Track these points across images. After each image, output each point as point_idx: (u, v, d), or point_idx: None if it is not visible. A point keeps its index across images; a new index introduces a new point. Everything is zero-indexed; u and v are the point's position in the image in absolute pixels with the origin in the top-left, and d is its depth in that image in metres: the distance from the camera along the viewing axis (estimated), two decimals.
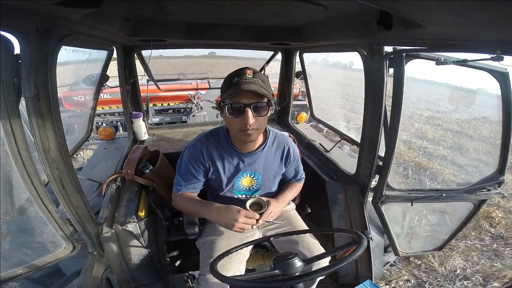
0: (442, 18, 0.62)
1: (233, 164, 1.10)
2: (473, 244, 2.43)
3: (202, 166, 1.08)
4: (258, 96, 0.90)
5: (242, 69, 0.93)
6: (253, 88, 0.88)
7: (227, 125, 1.04)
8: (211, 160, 1.08)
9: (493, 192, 1.35)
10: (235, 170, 1.10)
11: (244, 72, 0.91)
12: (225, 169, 1.09)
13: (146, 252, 1.18)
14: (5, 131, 0.67)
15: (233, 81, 0.90)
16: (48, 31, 0.70)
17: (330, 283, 1.46)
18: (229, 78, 0.93)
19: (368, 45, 1.13)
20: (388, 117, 1.19)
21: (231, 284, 0.76)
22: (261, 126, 0.97)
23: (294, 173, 1.25)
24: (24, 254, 0.83)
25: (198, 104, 4.21)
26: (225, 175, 1.10)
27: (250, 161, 1.10)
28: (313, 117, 2.31)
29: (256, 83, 0.90)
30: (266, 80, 0.94)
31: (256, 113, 0.92)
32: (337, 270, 1.39)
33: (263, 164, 1.13)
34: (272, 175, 1.17)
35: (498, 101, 1.20)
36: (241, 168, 1.10)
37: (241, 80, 0.89)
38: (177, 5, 0.98)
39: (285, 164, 1.18)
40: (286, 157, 1.17)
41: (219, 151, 1.08)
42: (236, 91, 0.88)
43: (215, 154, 1.07)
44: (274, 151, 1.15)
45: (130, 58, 1.78)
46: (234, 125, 0.95)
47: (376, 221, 1.43)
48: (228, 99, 0.91)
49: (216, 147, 1.07)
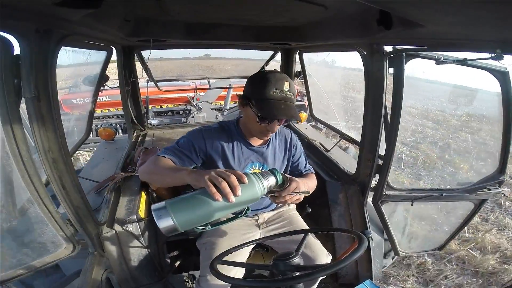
0: (442, 17, 0.62)
1: (243, 155, 1.11)
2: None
3: (202, 152, 1.05)
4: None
5: (281, 78, 0.95)
6: (291, 114, 0.94)
7: (247, 121, 1.06)
8: (217, 150, 1.07)
9: (494, 192, 1.34)
10: (245, 161, 1.12)
11: (282, 83, 0.94)
12: (235, 159, 1.10)
13: (147, 252, 1.18)
14: (5, 131, 0.67)
15: (271, 93, 0.93)
16: (48, 31, 0.70)
17: (330, 283, 1.46)
18: (264, 85, 0.94)
19: (368, 44, 1.13)
20: (389, 116, 1.19)
21: (231, 284, 0.76)
22: (277, 129, 1.05)
23: (304, 163, 1.26)
24: (24, 254, 0.83)
25: (197, 106, 4.22)
26: (235, 164, 1.10)
27: (260, 153, 1.13)
28: (312, 117, 2.31)
29: (291, 99, 0.96)
30: (295, 89, 0.99)
31: (279, 122, 1.01)
32: (338, 270, 1.39)
33: (271, 155, 1.15)
34: (279, 166, 1.19)
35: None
36: (251, 160, 1.12)
37: (279, 93, 0.94)
38: (177, 5, 0.98)
39: (290, 154, 1.21)
40: (289, 146, 1.21)
41: (230, 143, 1.09)
42: (272, 117, 0.95)
43: (226, 145, 1.08)
44: (278, 143, 1.19)
45: (130, 59, 1.78)
46: (257, 127, 1.01)
47: (376, 220, 1.43)
48: (260, 112, 0.95)
49: (227, 139, 1.09)
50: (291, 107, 0.96)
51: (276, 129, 1.03)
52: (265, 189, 0.75)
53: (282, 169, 1.21)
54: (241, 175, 0.69)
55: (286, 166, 1.22)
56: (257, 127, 1.01)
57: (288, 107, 0.95)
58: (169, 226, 0.65)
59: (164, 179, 0.91)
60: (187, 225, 0.67)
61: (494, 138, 1.38)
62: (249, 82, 1.01)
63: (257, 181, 0.73)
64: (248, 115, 1.02)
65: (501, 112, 1.21)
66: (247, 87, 1.01)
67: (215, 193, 0.64)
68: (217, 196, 0.64)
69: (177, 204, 0.67)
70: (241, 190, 0.67)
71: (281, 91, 0.93)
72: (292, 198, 0.89)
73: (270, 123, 0.98)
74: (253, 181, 0.72)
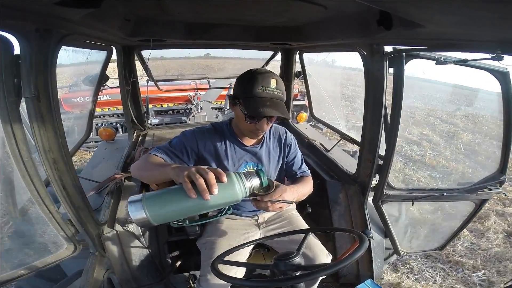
0: (442, 17, 0.62)
1: (237, 155, 1.11)
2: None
3: (194, 153, 1.05)
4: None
5: (267, 76, 0.93)
6: (275, 113, 0.92)
7: (237, 120, 1.05)
8: (209, 151, 1.07)
9: (495, 192, 1.35)
10: (239, 161, 1.11)
11: (269, 81, 0.92)
12: (228, 160, 1.09)
13: (147, 252, 1.18)
14: (5, 131, 0.67)
15: (257, 91, 0.91)
16: (48, 31, 0.70)
17: (331, 283, 1.46)
18: (251, 83, 0.92)
19: (368, 45, 1.13)
20: (389, 116, 1.19)
21: (232, 284, 0.76)
22: (268, 128, 1.03)
23: (300, 163, 1.23)
24: (25, 255, 0.83)
25: (197, 105, 4.21)
26: (229, 165, 1.10)
27: (253, 152, 1.13)
28: (313, 116, 2.31)
29: (279, 96, 0.94)
30: (283, 87, 0.97)
31: (269, 121, 0.99)
32: (339, 270, 1.39)
33: (265, 155, 1.15)
34: (274, 166, 1.18)
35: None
36: (245, 160, 1.12)
37: (265, 90, 0.92)
38: (177, 5, 0.98)
39: (285, 153, 1.20)
40: (284, 144, 1.19)
41: (223, 143, 1.09)
42: (259, 114, 0.92)
43: (219, 146, 1.08)
44: (273, 141, 1.18)
45: (130, 59, 1.78)
46: (247, 126, 1.00)
47: (377, 220, 1.43)
48: (247, 110, 0.94)
49: (220, 139, 1.09)
50: (279, 104, 0.94)
51: (266, 128, 1.01)
52: (246, 191, 0.72)
53: (277, 168, 1.20)
54: (220, 173, 0.66)
55: (281, 166, 1.21)
56: (247, 126, 0.99)
57: (275, 104, 0.92)
58: (142, 219, 0.64)
59: (151, 174, 0.89)
60: (160, 219, 0.66)
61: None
62: (237, 82, 1.00)
63: (238, 181, 0.70)
64: (237, 114, 1.01)
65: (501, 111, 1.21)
66: (236, 86, 1.01)
67: (190, 190, 0.62)
68: (191, 193, 0.62)
69: (152, 198, 0.66)
70: (219, 189, 0.64)
71: (268, 88, 0.92)
72: (274, 206, 0.87)
73: (259, 122, 0.96)
74: (234, 180, 0.69)
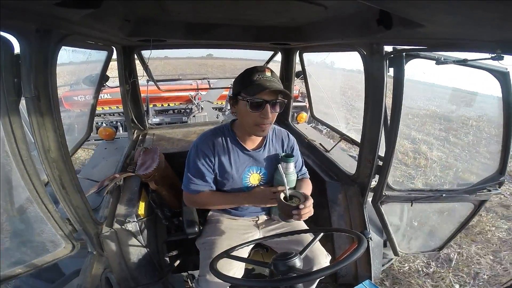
0: (442, 17, 0.62)
1: (240, 160, 1.11)
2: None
3: (210, 162, 1.08)
4: (277, 93, 0.96)
5: (261, 67, 0.99)
6: (277, 87, 0.94)
7: (241, 118, 1.05)
8: (218, 155, 1.08)
9: (494, 193, 1.34)
10: (242, 166, 1.11)
11: (263, 70, 0.98)
12: (231, 165, 1.09)
13: (146, 251, 1.18)
14: (5, 131, 0.67)
15: (254, 79, 0.96)
16: (48, 31, 0.70)
17: (329, 283, 1.46)
18: (248, 75, 0.97)
19: (368, 44, 1.13)
20: (388, 117, 1.19)
21: (231, 284, 0.76)
22: (273, 121, 1.03)
23: (300, 166, 1.25)
24: (23, 253, 0.83)
25: (198, 105, 4.21)
26: (233, 171, 1.10)
27: (256, 157, 1.12)
28: (313, 117, 2.31)
29: (275, 82, 0.98)
30: (277, 77, 1.01)
31: (273, 109, 0.98)
32: (337, 271, 1.39)
33: (267, 159, 1.14)
34: (275, 169, 1.17)
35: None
36: (248, 164, 1.12)
37: (262, 78, 0.96)
38: (177, 5, 0.98)
39: None
40: (287, 147, 1.20)
41: (226, 147, 1.09)
42: (261, 89, 0.93)
43: (222, 150, 1.08)
44: (275, 145, 1.18)
45: (130, 58, 1.79)
46: (251, 119, 0.99)
47: (376, 221, 1.43)
48: (249, 95, 0.95)
49: (222, 143, 1.09)
50: (278, 84, 0.98)
51: (271, 117, 0.99)
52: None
53: None
54: None
55: None
56: (251, 119, 0.98)
57: (275, 83, 0.97)
58: None
59: (218, 207, 1.17)
60: None
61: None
62: (235, 81, 1.04)
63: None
64: (240, 110, 1.01)
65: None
66: (234, 86, 1.03)
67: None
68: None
69: None
70: None
71: (264, 75, 0.97)
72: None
73: (262, 110, 0.96)
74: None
